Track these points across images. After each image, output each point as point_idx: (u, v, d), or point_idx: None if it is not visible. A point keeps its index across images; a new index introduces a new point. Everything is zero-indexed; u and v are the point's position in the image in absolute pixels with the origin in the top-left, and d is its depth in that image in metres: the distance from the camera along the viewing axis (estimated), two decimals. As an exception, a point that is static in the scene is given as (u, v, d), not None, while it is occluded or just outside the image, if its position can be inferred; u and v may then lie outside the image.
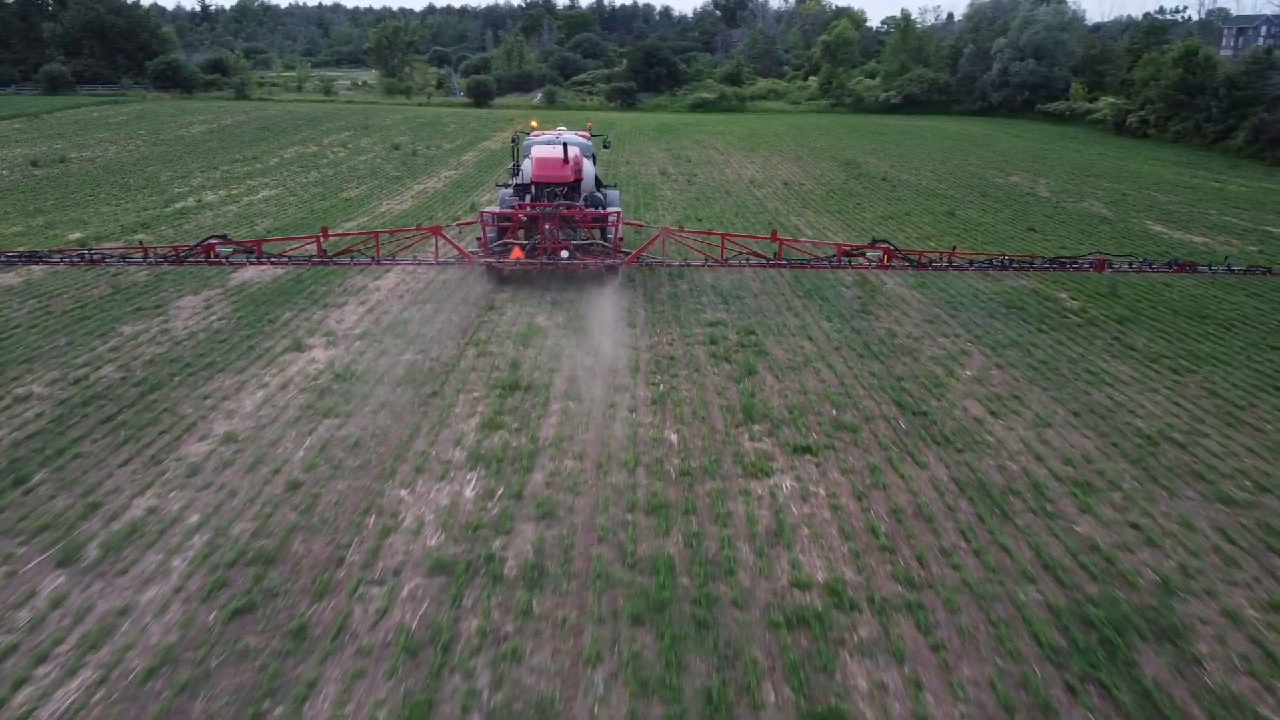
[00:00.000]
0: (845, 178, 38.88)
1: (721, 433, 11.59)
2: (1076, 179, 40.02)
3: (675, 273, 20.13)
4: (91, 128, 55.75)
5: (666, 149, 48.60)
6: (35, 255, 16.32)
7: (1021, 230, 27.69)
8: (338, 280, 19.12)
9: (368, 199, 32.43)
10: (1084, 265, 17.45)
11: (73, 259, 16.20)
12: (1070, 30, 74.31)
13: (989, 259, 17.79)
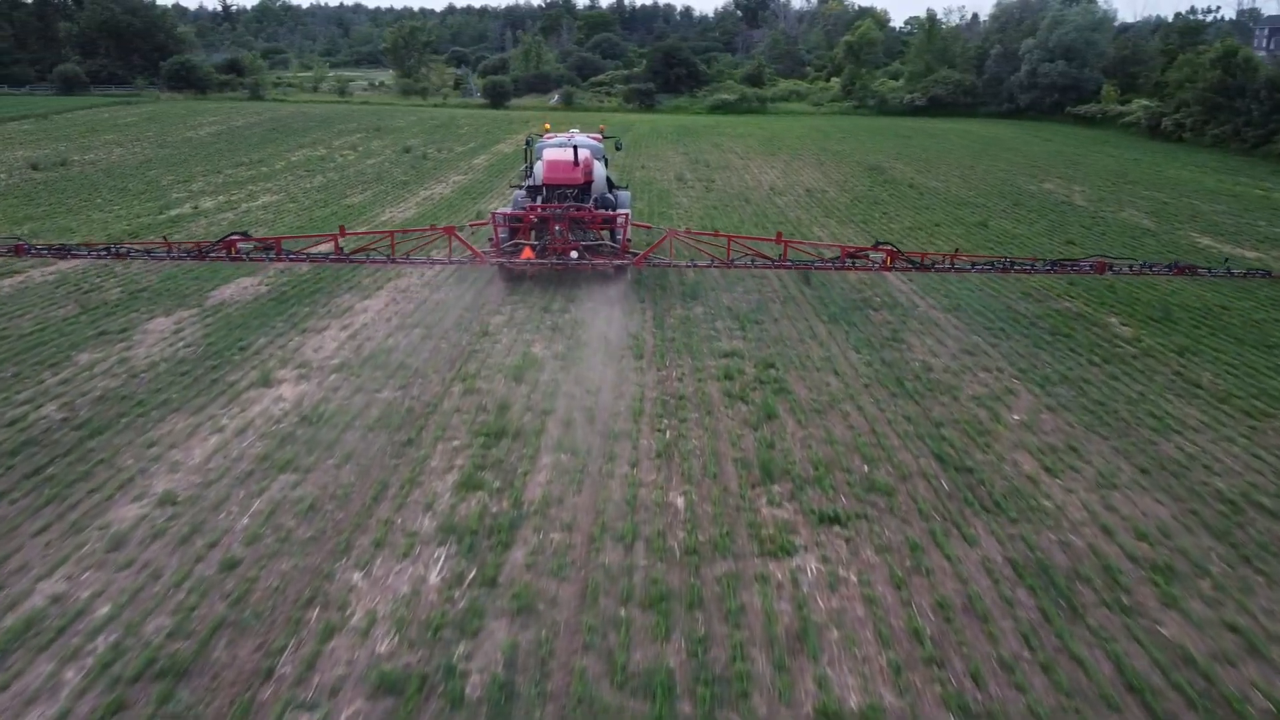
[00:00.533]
0: (870, 184, 37.18)
1: (735, 494, 10.01)
2: (1113, 186, 38.14)
3: (688, 292, 18.58)
4: (99, 129, 54.79)
5: (684, 153, 47.03)
6: (65, 248, 16.93)
7: (1060, 243, 25.94)
8: (322, 299, 17.68)
9: (370, 206, 31.04)
10: (1085, 268, 17.61)
11: (99, 253, 16.81)
12: (1101, 30, 72.15)
13: (990, 261, 17.93)
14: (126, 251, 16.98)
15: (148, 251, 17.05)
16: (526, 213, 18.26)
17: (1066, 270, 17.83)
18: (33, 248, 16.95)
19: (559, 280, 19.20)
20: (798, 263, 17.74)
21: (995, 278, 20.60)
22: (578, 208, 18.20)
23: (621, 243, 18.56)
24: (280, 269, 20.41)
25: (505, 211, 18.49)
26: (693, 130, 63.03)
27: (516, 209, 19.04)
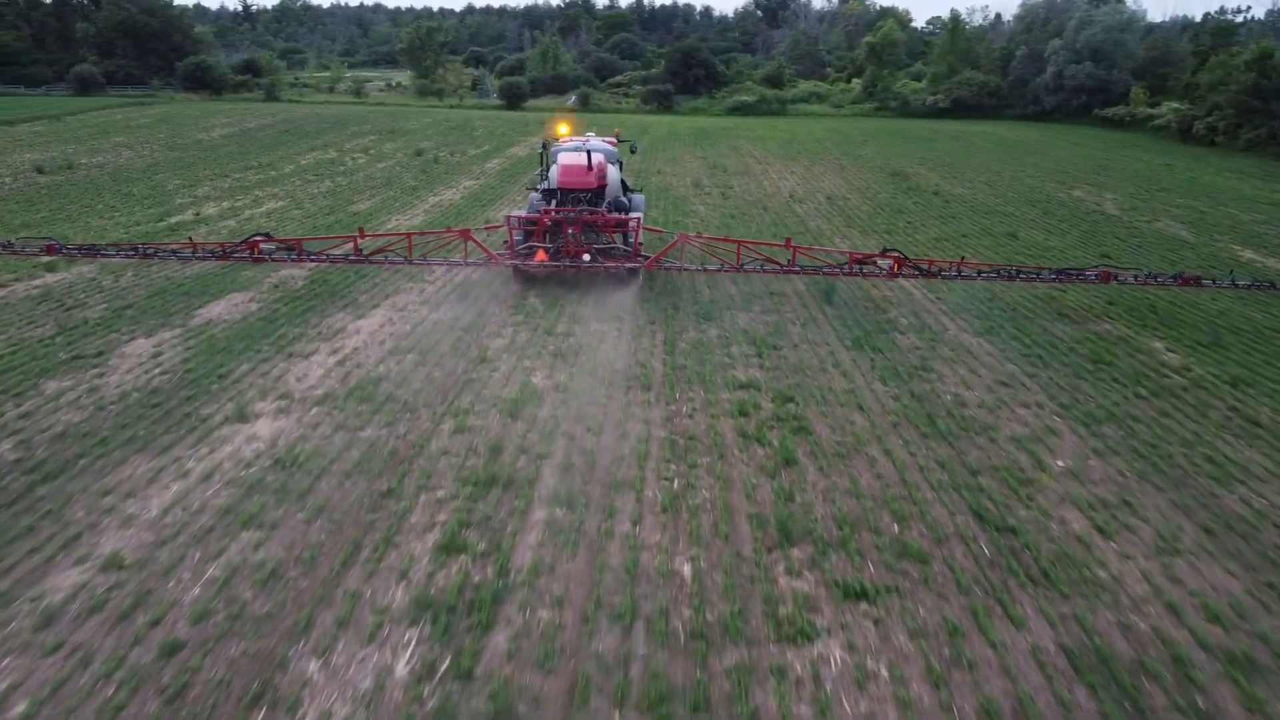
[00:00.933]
0: (894, 191, 35.93)
1: (750, 560, 8.90)
2: (1146, 193, 36.73)
3: (702, 313, 17.48)
4: (111, 130, 54.21)
5: (702, 157, 45.89)
6: (95, 248, 17.71)
7: (1094, 256, 24.66)
8: (314, 318, 16.68)
9: (377, 213, 30.09)
10: (1090, 277, 17.83)
11: (127, 253, 17.66)
12: (1130, 31, 70.42)
13: (996, 269, 18.10)
14: (154, 251, 17.84)
15: (174, 252, 17.91)
16: (541, 216, 18.49)
17: (1071, 279, 17.92)
18: (64, 247, 17.76)
19: (566, 300, 18.17)
20: (806, 268, 18.03)
21: (1030, 299, 19.41)
22: (591, 211, 18.45)
23: (634, 246, 18.69)
24: (274, 284, 19.47)
25: (520, 215, 18.68)
26: (711, 133, 61.87)
27: (532, 212, 19.27)
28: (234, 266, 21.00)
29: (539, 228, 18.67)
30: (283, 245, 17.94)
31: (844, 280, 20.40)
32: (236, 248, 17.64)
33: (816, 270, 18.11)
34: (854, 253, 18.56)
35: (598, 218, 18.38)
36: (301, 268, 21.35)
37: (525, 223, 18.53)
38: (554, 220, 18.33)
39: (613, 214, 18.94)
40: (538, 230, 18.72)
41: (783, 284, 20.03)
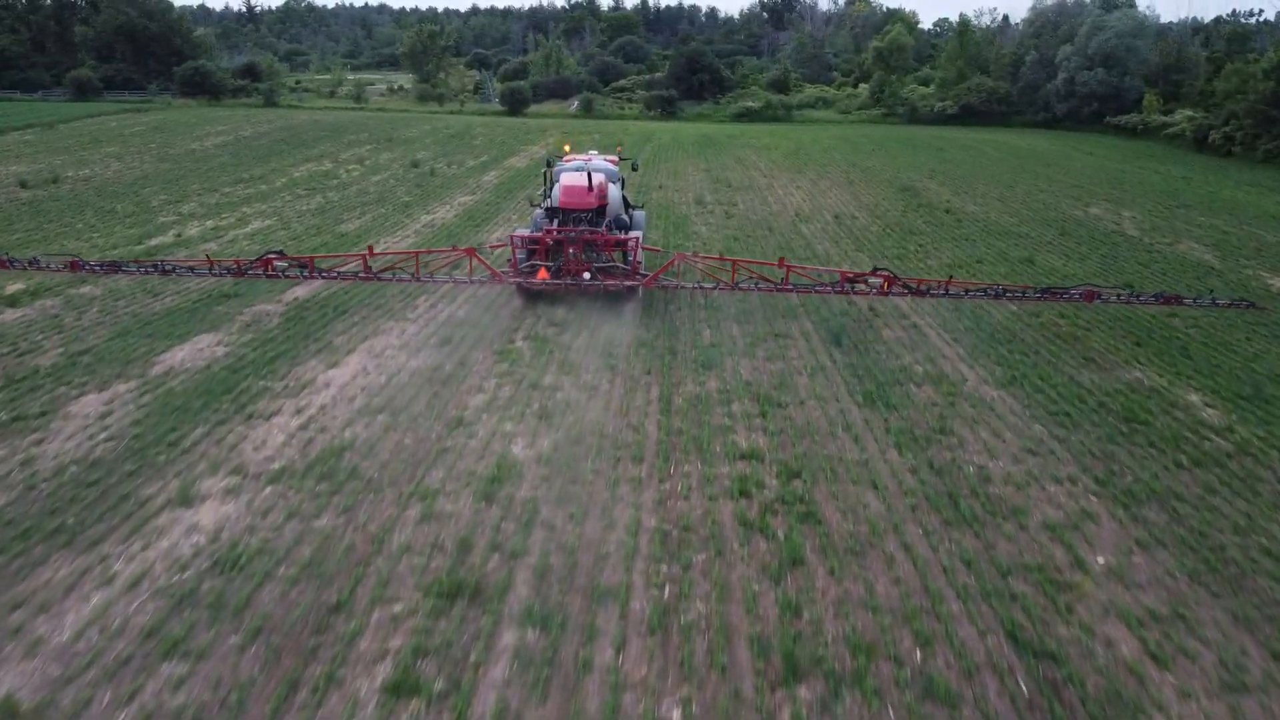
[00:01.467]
0: (903, 208, 34.64)
1: (750, 702, 7.64)
2: (1165, 210, 35.41)
3: (701, 360, 16.23)
4: (103, 140, 53.11)
5: (705, 169, 44.61)
6: (116, 265, 18.43)
7: (1117, 283, 23.30)
8: (284, 366, 15.47)
9: (366, 234, 28.89)
10: (1074, 295, 17.97)
11: (148, 269, 18.37)
12: (1143, 37, 68.96)
13: (983, 288, 18.58)
14: (172, 268, 18.65)
15: (191, 269, 18.71)
16: (543, 236, 19.00)
17: (1056, 298, 18.14)
18: (87, 264, 18.27)
19: (556, 344, 16.96)
20: (800, 286, 18.56)
21: (1053, 340, 18.13)
22: (591, 231, 18.91)
23: (633, 264, 19.28)
24: (246, 323, 18.27)
25: (523, 234, 19.34)
26: (715, 141, 60.62)
27: (535, 230, 20.02)
28: (206, 302, 19.84)
29: (542, 246, 19.21)
30: (295, 263, 18.34)
31: (852, 320, 19.18)
32: (251, 265, 18.02)
33: (809, 289, 18.61)
34: (845, 271, 18.95)
35: (598, 237, 18.91)
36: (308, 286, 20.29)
37: (528, 242, 19.22)
38: (555, 239, 18.82)
39: (613, 233, 19.51)
40: (540, 249, 19.29)
41: (788, 323, 18.81)
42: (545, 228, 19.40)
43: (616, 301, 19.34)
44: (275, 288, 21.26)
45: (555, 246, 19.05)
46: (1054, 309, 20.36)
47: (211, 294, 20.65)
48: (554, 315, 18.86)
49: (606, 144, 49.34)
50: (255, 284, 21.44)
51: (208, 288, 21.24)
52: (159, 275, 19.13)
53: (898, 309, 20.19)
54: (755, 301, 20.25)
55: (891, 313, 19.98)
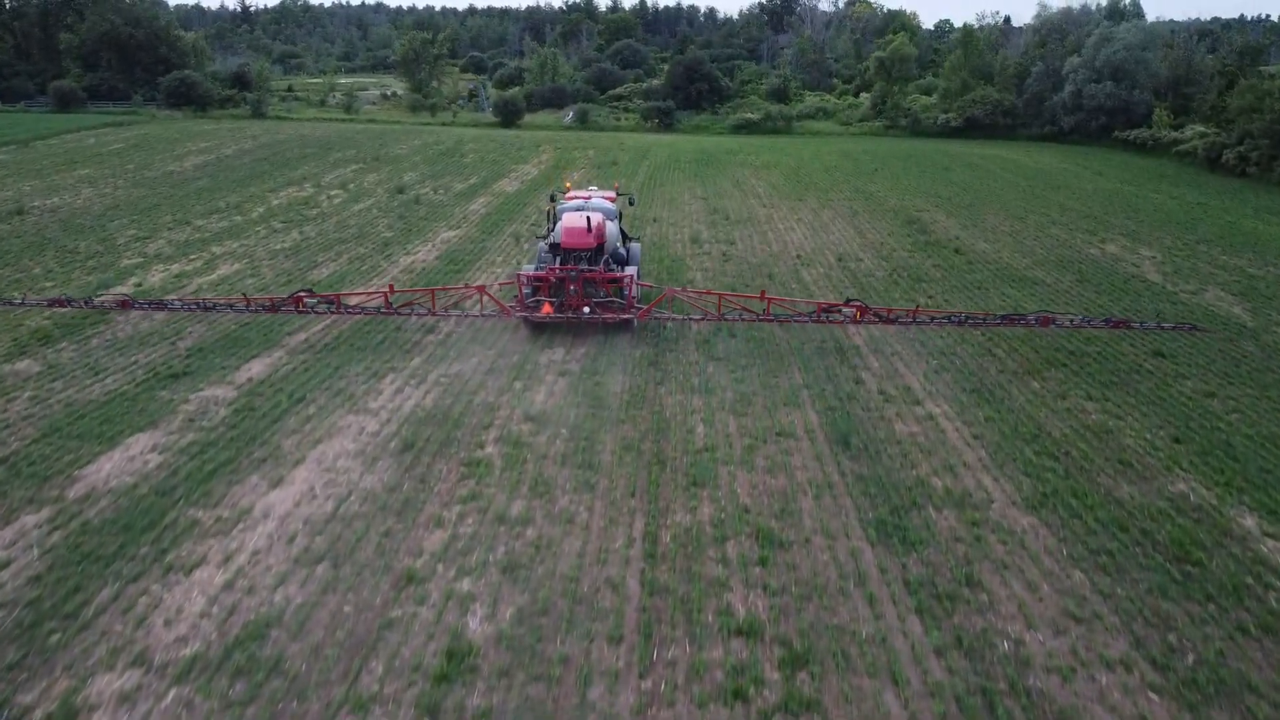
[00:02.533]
0: (910, 246, 32.86)
1: None
2: (1185, 248, 33.63)
3: (695, 473, 14.42)
4: (79, 160, 51.28)
5: (702, 197, 42.76)
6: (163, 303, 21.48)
7: (1145, 355, 21.53)
8: (219, 487, 13.70)
9: (340, 281, 27.12)
10: (1030, 321, 20.46)
11: (190, 306, 21.46)
12: (1152, 49, 67.12)
13: (948, 315, 20.74)
14: (212, 305, 21.59)
15: (230, 305, 21.40)
16: (546, 274, 20.91)
17: (1015, 324, 20.64)
18: (136, 303, 21.35)
19: (531, 447, 15.17)
20: (779, 317, 20.96)
21: (1084, 440, 16.33)
22: (590, 270, 20.90)
23: (628, 299, 21.02)
24: (188, 416, 16.47)
25: (528, 273, 21.45)
26: (713, 158, 58.79)
27: (539, 262, 22.58)
28: (150, 384, 18.05)
29: (545, 284, 20.96)
30: (324, 300, 21.11)
31: (860, 407, 17.42)
32: (284, 302, 20.71)
33: (788, 319, 21.07)
34: (821, 303, 21.36)
35: (595, 275, 20.94)
36: (265, 361, 18.51)
37: (534, 280, 21.09)
38: (558, 278, 20.74)
39: (610, 269, 21.67)
40: (544, 286, 21.02)
41: (792, 412, 17.05)
42: (548, 266, 21.40)
43: (605, 373, 17.75)
44: (229, 363, 19.51)
45: (558, 284, 20.83)
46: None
47: (159, 372, 18.86)
48: (532, 405, 17.09)
49: (602, 159, 47.55)
50: (209, 360, 19.69)
51: (157, 363, 19.47)
52: (202, 312, 21.88)
53: (909, 392, 18.42)
54: (756, 384, 18.50)
55: (902, 395, 18.21)
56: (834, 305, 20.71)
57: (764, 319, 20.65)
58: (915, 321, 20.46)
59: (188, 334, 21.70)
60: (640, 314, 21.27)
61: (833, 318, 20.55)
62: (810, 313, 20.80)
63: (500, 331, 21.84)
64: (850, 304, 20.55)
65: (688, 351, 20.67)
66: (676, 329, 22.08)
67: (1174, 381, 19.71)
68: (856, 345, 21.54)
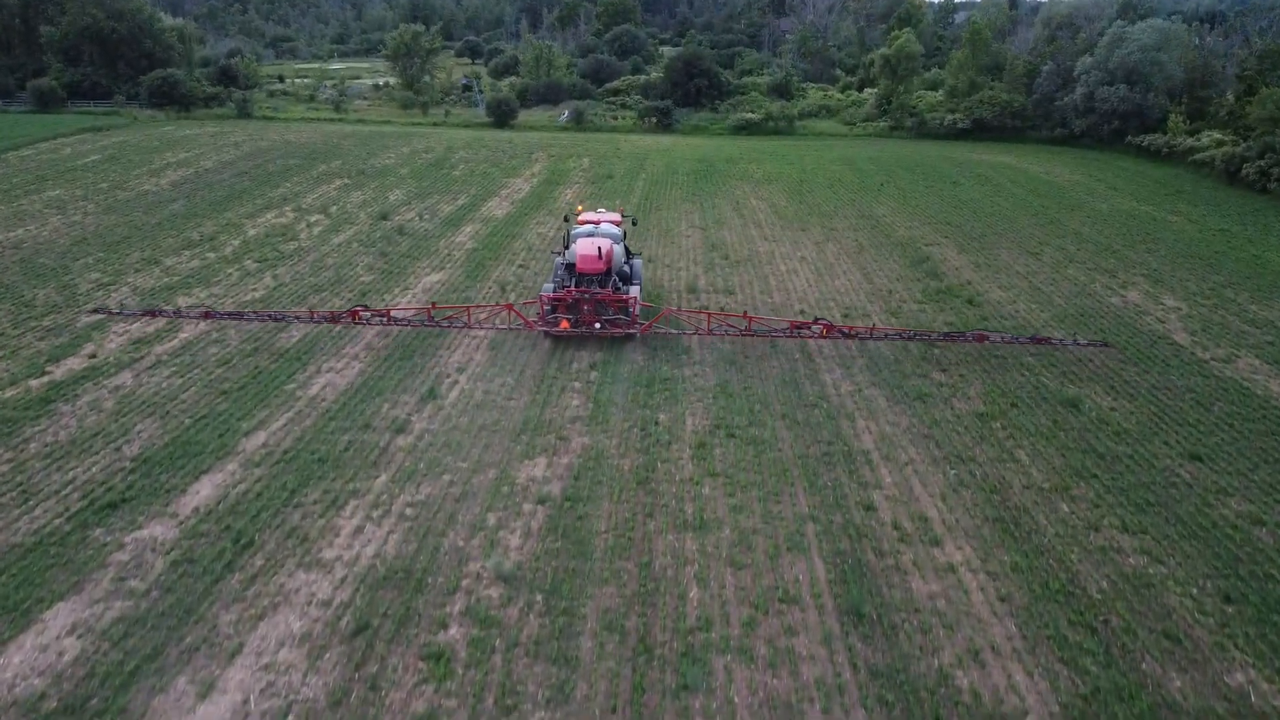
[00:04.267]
0: (921, 295, 30.95)
1: None
2: (1211, 292, 31.78)
3: (684, 678, 12.62)
4: (50, 177, 49.16)
5: (700, 227, 40.68)
6: (240, 314, 25.53)
7: (1181, 458, 19.74)
8: (141, 691, 11.90)
9: (308, 348, 25.20)
10: (969, 338, 24.70)
11: (264, 317, 25.61)
12: (1168, 50, 64.68)
13: (899, 332, 24.95)
14: (281, 316, 25.84)
15: (297, 317, 25.80)
16: (564, 295, 25.26)
17: (953, 340, 24.92)
18: (216, 314, 25.73)
19: (500, 632, 13.38)
20: (759, 332, 25.09)
21: (1125, 591, 14.53)
22: (600, 292, 25.34)
23: (632, 316, 25.28)
24: (120, 570, 14.65)
25: (548, 295, 25.45)
26: (712, 167, 56.64)
27: (556, 279, 26.89)
28: (83, 517, 16.22)
29: (563, 303, 25.30)
30: (377, 314, 25.58)
31: (871, 550, 15.61)
32: (343, 315, 25.42)
33: (767, 334, 25.11)
34: (793, 321, 25.54)
35: (605, 297, 25.26)
36: (216, 485, 16.63)
37: (553, 300, 25.29)
38: (574, 299, 25.19)
39: (617, 292, 25.80)
40: (561, 305, 25.37)
41: (797, 561, 15.24)
42: (566, 289, 25.77)
43: (588, 500, 15.88)
44: (176, 481, 17.69)
45: (574, 303, 25.29)
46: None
47: (97, 498, 17.04)
48: (505, 555, 15.26)
49: (598, 169, 45.38)
50: (154, 476, 17.87)
51: (96, 480, 17.65)
52: (273, 322, 26.31)
53: (926, 525, 16.60)
54: (756, 514, 16.67)
55: (919, 531, 16.38)
56: (804, 323, 24.91)
57: (746, 334, 24.93)
58: (873, 337, 24.79)
59: (135, 435, 19.86)
60: (643, 328, 25.44)
61: (803, 334, 24.72)
62: (784, 329, 24.96)
63: (478, 436, 20.00)
64: (818, 322, 24.76)
65: (682, 463, 18.83)
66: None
67: (1215, 500, 17.93)
68: (866, 450, 19.70)
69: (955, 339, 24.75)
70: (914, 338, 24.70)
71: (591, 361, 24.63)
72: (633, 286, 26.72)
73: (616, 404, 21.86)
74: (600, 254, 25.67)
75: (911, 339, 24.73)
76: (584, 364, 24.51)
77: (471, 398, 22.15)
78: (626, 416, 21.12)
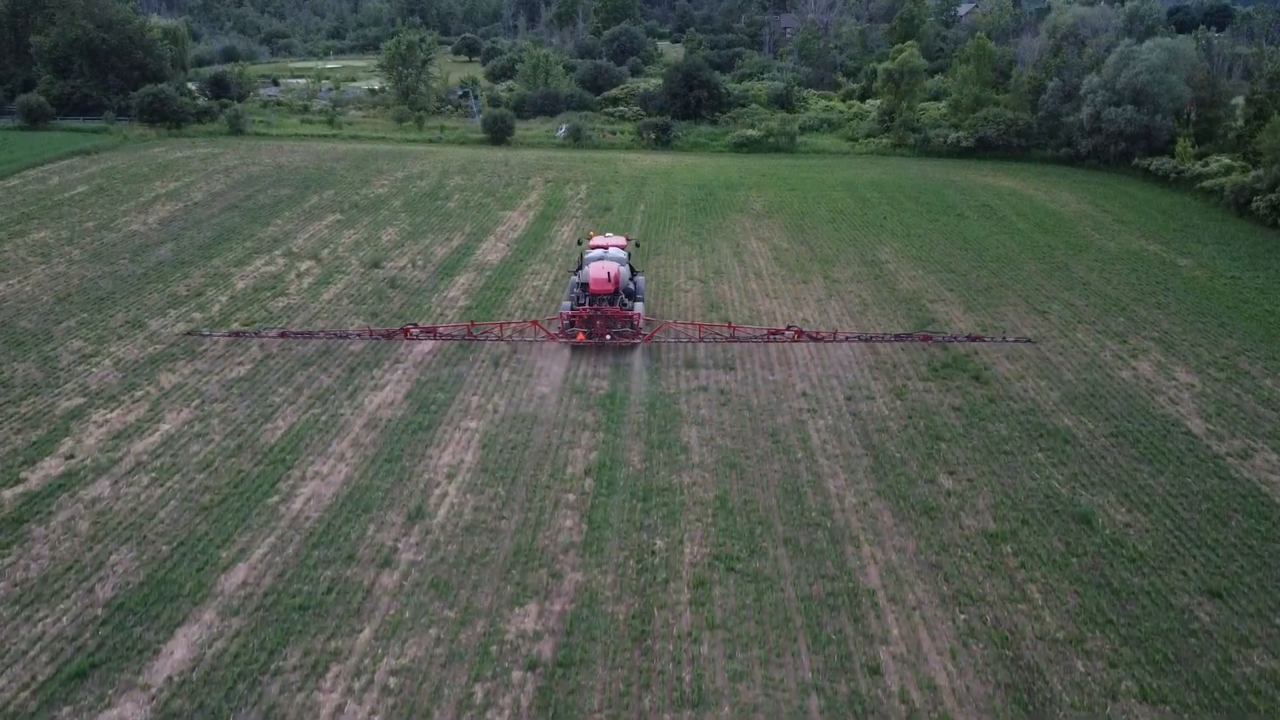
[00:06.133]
0: (927, 370, 30.15)
1: None
2: (1224, 361, 31.17)
3: None
4: (36, 215, 48.21)
5: (699, 279, 39.72)
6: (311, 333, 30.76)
7: (1200, 595, 18.98)
8: None
9: (291, 445, 24.33)
10: (916, 338, 30.84)
11: (332, 335, 30.87)
12: (1176, 70, 63.53)
13: (860, 336, 31.17)
14: (345, 334, 30.91)
15: (358, 335, 30.95)
16: (580, 312, 30.57)
17: (904, 340, 30.86)
18: (291, 333, 30.88)
19: None
20: (741, 339, 30.61)
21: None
22: (609, 309, 30.76)
23: (636, 329, 30.81)
24: None
25: (567, 312, 30.90)
26: (712, 195, 55.87)
27: (572, 297, 32.51)
28: (69, 685, 15.43)
29: (579, 319, 30.53)
30: (425, 331, 30.36)
31: None
32: (396, 331, 30.49)
33: (749, 339, 30.53)
34: (770, 329, 30.89)
35: (615, 312, 30.74)
36: (188, 646, 15.82)
37: (570, 317, 30.57)
38: (589, 315, 30.42)
39: (624, 309, 31.30)
40: (578, 320, 30.60)
41: None
42: (582, 306, 31.30)
43: (579, 665, 15.08)
44: (151, 636, 16.88)
45: (588, 319, 30.52)
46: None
47: (66, 668, 16.23)
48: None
49: (595, 197, 44.48)
50: (125, 631, 17.07)
51: (66, 633, 16.83)
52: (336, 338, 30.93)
53: (935, 695, 15.80)
54: (757, 683, 15.87)
55: (928, 704, 15.57)
56: (779, 330, 30.42)
57: (733, 340, 30.84)
58: (836, 339, 30.90)
59: (109, 570, 19.05)
60: (645, 338, 30.99)
61: (777, 339, 30.30)
62: (761, 335, 30.54)
63: (467, 571, 19.17)
64: (790, 329, 30.37)
65: (680, 608, 18.02)
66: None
67: (1237, 654, 17.16)
68: (872, 589, 18.89)
69: (904, 339, 31.13)
70: (873, 339, 31.00)
71: (586, 465, 23.78)
72: (637, 303, 32.47)
73: (612, 525, 21.05)
74: (609, 277, 31.19)
75: (871, 341, 31.08)
76: (579, 468, 23.66)
77: (460, 516, 21.34)
78: (622, 543, 20.31)
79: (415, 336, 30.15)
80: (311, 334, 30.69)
